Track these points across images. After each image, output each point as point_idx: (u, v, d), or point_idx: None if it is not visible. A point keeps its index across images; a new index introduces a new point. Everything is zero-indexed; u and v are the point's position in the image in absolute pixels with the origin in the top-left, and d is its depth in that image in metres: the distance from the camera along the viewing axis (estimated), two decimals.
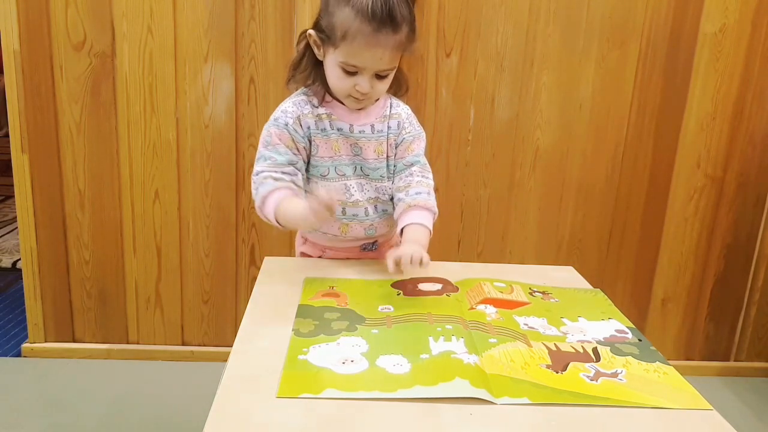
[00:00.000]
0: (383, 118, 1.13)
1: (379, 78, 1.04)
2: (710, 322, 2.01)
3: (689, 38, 1.76)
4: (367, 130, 1.11)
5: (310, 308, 0.92)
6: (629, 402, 0.72)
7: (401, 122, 1.15)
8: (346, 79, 1.03)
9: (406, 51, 1.05)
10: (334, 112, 1.10)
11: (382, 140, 1.13)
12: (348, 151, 1.11)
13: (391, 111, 1.14)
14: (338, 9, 0.99)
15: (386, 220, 1.18)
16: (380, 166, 1.13)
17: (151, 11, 1.67)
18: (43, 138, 1.74)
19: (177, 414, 1.65)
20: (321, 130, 1.09)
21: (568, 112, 1.81)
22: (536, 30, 1.74)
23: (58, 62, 1.70)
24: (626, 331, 0.92)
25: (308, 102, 1.10)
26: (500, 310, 0.95)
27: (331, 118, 1.10)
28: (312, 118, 1.09)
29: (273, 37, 1.71)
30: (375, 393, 0.70)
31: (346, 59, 1.01)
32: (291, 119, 1.08)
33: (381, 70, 1.02)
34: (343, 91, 1.06)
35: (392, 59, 1.02)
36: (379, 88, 1.06)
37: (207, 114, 1.76)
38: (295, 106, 1.10)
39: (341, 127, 1.10)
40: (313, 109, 1.09)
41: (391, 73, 1.06)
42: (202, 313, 1.92)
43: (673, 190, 1.88)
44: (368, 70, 1.02)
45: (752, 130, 1.84)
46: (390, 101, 1.16)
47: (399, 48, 1.02)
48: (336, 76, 1.04)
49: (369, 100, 1.09)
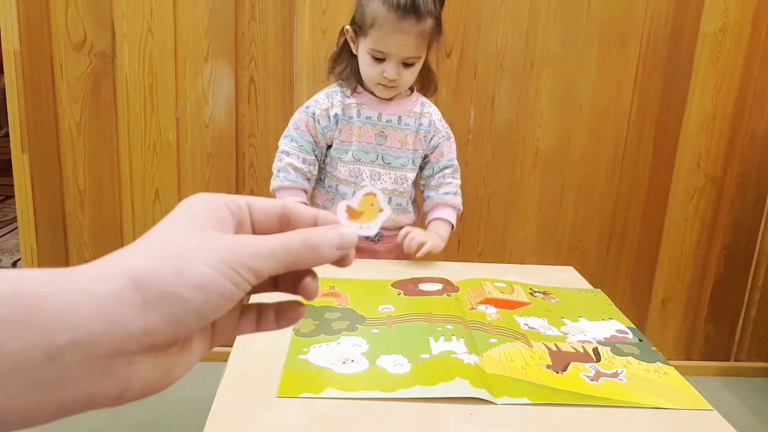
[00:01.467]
0: (412, 114, 1.22)
1: (406, 66, 1.13)
2: (710, 322, 2.01)
3: (689, 38, 1.76)
4: (394, 120, 1.20)
5: (310, 308, 0.92)
6: (630, 402, 0.72)
7: (433, 123, 1.24)
8: (375, 66, 1.13)
9: (432, 43, 1.15)
10: (364, 101, 1.20)
11: (408, 132, 1.21)
12: (372, 139, 1.20)
13: (423, 109, 1.24)
14: (369, 2, 1.11)
15: (395, 215, 1.24)
16: (402, 155, 1.21)
17: (151, 11, 1.67)
18: (43, 138, 1.74)
19: (177, 414, 1.65)
20: (348, 117, 1.19)
21: (568, 112, 1.81)
22: (536, 30, 1.74)
23: (58, 62, 1.70)
24: (627, 331, 0.91)
25: (341, 92, 1.21)
26: (501, 310, 0.95)
27: (360, 107, 1.20)
28: (340, 107, 1.19)
29: (273, 37, 1.71)
30: (375, 393, 0.70)
31: (374, 45, 1.11)
32: (319, 111, 1.19)
33: (406, 57, 1.12)
34: (373, 79, 1.15)
35: (416, 47, 1.11)
36: (405, 77, 1.14)
37: (207, 114, 1.76)
38: (327, 97, 1.21)
39: (370, 116, 1.20)
40: (344, 99, 1.20)
41: (417, 62, 1.14)
42: None
43: (673, 190, 1.88)
44: (394, 57, 1.11)
45: (752, 130, 1.84)
46: (420, 100, 1.24)
47: (423, 37, 1.11)
48: (366, 63, 1.15)
49: (397, 90, 1.18)
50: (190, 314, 0.27)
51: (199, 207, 0.30)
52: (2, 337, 0.23)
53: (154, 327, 0.26)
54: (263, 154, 1.79)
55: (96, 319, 0.25)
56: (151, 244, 0.28)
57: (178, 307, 0.26)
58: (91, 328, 0.25)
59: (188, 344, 0.29)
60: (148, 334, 0.26)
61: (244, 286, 0.28)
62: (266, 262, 0.28)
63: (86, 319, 0.25)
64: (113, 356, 0.25)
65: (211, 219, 0.29)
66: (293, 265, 0.30)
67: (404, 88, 1.20)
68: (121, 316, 0.25)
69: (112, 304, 0.25)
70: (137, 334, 0.26)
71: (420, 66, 1.17)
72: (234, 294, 0.28)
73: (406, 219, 1.28)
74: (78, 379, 0.25)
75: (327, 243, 0.31)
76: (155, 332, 0.26)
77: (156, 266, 0.26)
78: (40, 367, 0.24)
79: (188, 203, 0.30)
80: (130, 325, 0.25)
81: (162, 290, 0.26)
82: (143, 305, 0.26)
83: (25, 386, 0.23)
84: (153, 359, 0.27)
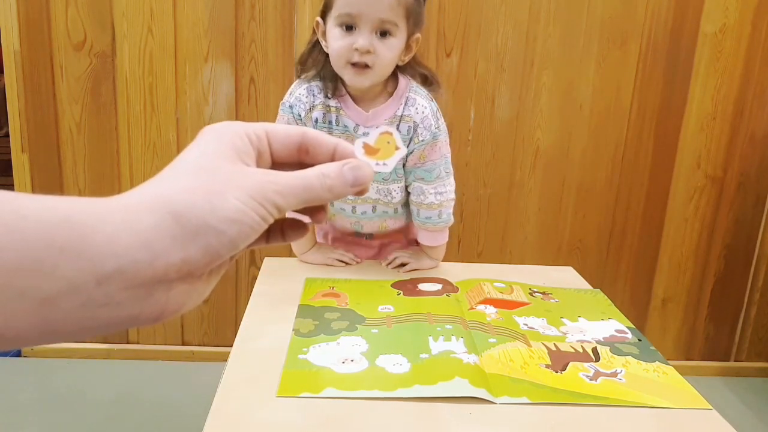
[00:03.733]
0: (393, 119, 1.05)
1: (381, 37, 0.97)
2: (710, 322, 2.01)
3: (689, 38, 1.76)
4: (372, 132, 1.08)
5: (310, 308, 0.92)
6: (628, 402, 0.72)
7: (413, 126, 1.05)
8: (344, 37, 0.97)
9: (410, 18, 0.99)
10: (345, 106, 1.05)
11: None
12: None
13: (404, 112, 1.05)
14: None
15: (380, 221, 1.16)
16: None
17: (151, 11, 1.68)
18: (43, 138, 1.74)
19: (177, 414, 1.65)
20: (327, 122, 1.06)
21: (568, 112, 1.81)
22: (536, 30, 1.74)
23: (58, 62, 1.70)
24: (626, 331, 0.92)
25: (322, 90, 1.05)
26: (500, 310, 0.95)
27: (339, 113, 1.06)
28: (321, 110, 1.06)
29: (273, 37, 1.71)
30: (375, 392, 0.71)
31: (340, 9, 0.96)
32: (303, 111, 1.06)
33: (378, 17, 0.95)
34: (342, 56, 0.98)
35: (391, 8, 0.95)
36: (381, 52, 0.97)
37: (207, 114, 1.76)
38: (309, 94, 1.06)
39: (347, 125, 1.06)
40: (325, 99, 1.05)
41: (394, 33, 0.98)
42: (202, 313, 1.92)
43: (673, 190, 1.88)
44: (365, 20, 0.95)
45: (752, 130, 1.84)
46: (407, 98, 1.06)
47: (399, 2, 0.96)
48: (335, 38, 0.98)
49: (372, 74, 0.99)
50: (225, 245, 0.29)
51: (223, 136, 0.32)
52: (56, 262, 0.25)
53: (193, 257, 0.28)
54: None
55: (140, 250, 0.27)
56: (183, 176, 0.30)
57: (215, 239, 0.29)
58: (136, 257, 0.27)
59: (217, 269, 0.32)
60: (187, 264, 0.28)
61: (269, 219, 0.31)
62: (289, 199, 0.31)
63: (131, 249, 0.27)
64: (155, 284, 0.28)
65: (234, 150, 0.31)
66: (311, 202, 0.33)
67: (381, 74, 1.01)
68: (162, 247, 0.28)
69: (154, 236, 0.27)
70: (177, 264, 0.28)
71: (398, 45, 0.99)
72: (261, 226, 0.31)
73: (394, 224, 1.18)
74: (122, 302, 0.27)
75: (343, 182, 0.34)
76: (193, 262, 0.29)
77: (191, 200, 0.29)
78: (89, 290, 0.26)
79: (212, 131, 0.32)
80: (172, 256, 0.28)
81: (199, 223, 0.28)
82: (182, 237, 0.28)
83: (75, 307, 0.26)
84: (188, 285, 0.30)
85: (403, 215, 1.18)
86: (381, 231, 1.19)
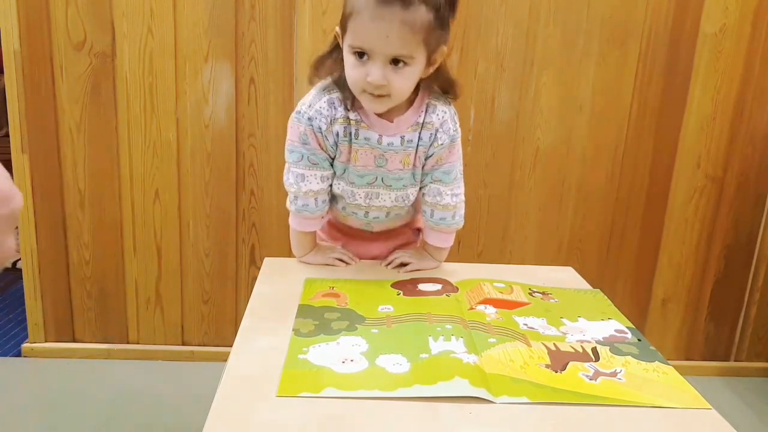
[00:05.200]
0: (415, 127, 1.02)
1: (394, 66, 0.92)
2: (710, 322, 2.01)
3: (689, 38, 1.76)
4: (396, 142, 1.02)
5: (310, 308, 0.92)
6: (628, 401, 0.72)
7: (434, 133, 1.04)
8: (358, 68, 0.93)
9: (431, 41, 0.93)
10: (366, 119, 1.01)
11: (410, 151, 1.04)
12: (371, 162, 1.04)
13: (425, 119, 1.03)
14: None
15: (390, 221, 1.17)
16: (404, 176, 1.06)
17: (151, 11, 1.68)
18: (43, 138, 1.74)
19: (177, 414, 1.65)
20: (347, 135, 1.02)
21: (568, 112, 1.81)
22: (536, 30, 1.74)
23: (58, 62, 1.70)
24: (626, 331, 0.92)
25: (342, 103, 1.01)
26: (500, 310, 0.95)
27: (360, 126, 1.02)
28: (342, 124, 1.01)
29: (273, 37, 1.71)
30: (375, 392, 0.71)
31: (352, 40, 0.92)
32: (324, 125, 1.01)
33: (391, 54, 0.91)
34: (357, 85, 0.95)
35: (403, 41, 0.90)
36: (396, 83, 0.93)
37: (207, 114, 1.76)
38: (330, 107, 1.01)
39: (369, 137, 1.02)
40: (345, 112, 1.01)
41: (409, 64, 0.93)
42: (202, 313, 1.92)
43: (673, 190, 1.88)
44: (377, 54, 0.91)
45: (752, 130, 1.84)
46: (427, 103, 1.03)
47: (413, 30, 0.89)
48: (349, 65, 0.94)
49: (390, 101, 0.96)
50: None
51: None
52: None
53: None
54: (263, 154, 1.79)
55: None
56: None
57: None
58: None
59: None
60: None
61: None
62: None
63: None
64: None
65: None
66: None
67: (399, 100, 0.97)
68: None
69: None
70: None
71: (416, 71, 0.95)
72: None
73: (402, 221, 1.19)
74: None
75: None
76: None
77: None
78: None
79: None
80: None
81: None
82: None
83: None
84: None
85: (411, 212, 1.18)
86: (386, 228, 1.19)
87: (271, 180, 1.80)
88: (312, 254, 1.14)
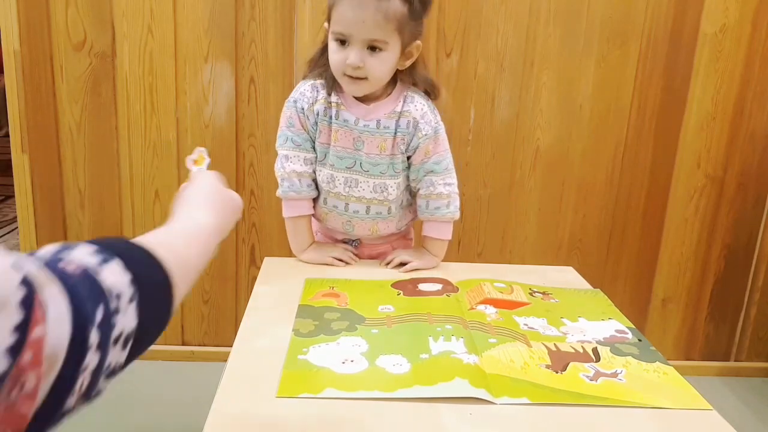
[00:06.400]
0: (393, 114, 1.10)
1: (372, 51, 1.01)
2: (710, 322, 2.01)
3: (689, 38, 1.76)
4: (372, 125, 1.09)
5: (310, 308, 0.92)
6: (629, 402, 0.72)
7: (413, 122, 1.10)
8: (339, 52, 1.03)
9: (405, 31, 1.02)
10: (345, 102, 1.10)
11: (387, 137, 1.10)
12: (349, 144, 1.10)
13: (404, 108, 1.10)
14: None
15: (372, 223, 1.15)
16: (381, 162, 1.11)
17: (151, 11, 1.67)
18: (43, 138, 1.74)
19: (177, 414, 1.65)
20: (328, 117, 1.10)
21: (568, 112, 1.81)
22: (536, 30, 1.74)
23: (58, 62, 1.70)
24: (626, 331, 0.92)
25: (324, 87, 1.11)
26: (500, 310, 0.95)
27: (339, 107, 1.10)
28: (323, 104, 1.10)
29: (273, 37, 1.71)
30: (375, 393, 0.71)
31: (334, 27, 1.02)
32: (306, 105, 1.11)
33: (367, 38, 1.00)
34: (338, 68, 1.04)
35: (378, 27, 0.99)
36: (372, 66, 1.02)
37: (207, 114, 1.76)
38: (313, 90, 1.11)
39: (347, 119, 1.10)
40: (327, 96, 1.10)
41: (385, 49, 1.02)
42: (202, 313, 1.92)
43: (673, 190, 1.88)
44: (356, 39, 1.00)
45: (752, 130, 1.84)
46: (405, 95, 1.11)
47: (387, 19, 0.99)
48: (332, 50, 1.05)
49: (367, 85, 1.05)
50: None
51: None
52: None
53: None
54: (263, 154, 1.79)
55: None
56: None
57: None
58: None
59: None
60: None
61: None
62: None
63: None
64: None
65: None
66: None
67: (376, 84, 1.06)
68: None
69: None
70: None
71: (391, 57, 1.03)
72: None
73: (386, 228, 1.17)
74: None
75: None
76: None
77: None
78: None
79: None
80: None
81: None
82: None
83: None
84: None
85: (395, 217, 1.17)
86: (371, 235, 1.18)
87: (271, 180, 1.79)
88: (311, 251, 1.14)
